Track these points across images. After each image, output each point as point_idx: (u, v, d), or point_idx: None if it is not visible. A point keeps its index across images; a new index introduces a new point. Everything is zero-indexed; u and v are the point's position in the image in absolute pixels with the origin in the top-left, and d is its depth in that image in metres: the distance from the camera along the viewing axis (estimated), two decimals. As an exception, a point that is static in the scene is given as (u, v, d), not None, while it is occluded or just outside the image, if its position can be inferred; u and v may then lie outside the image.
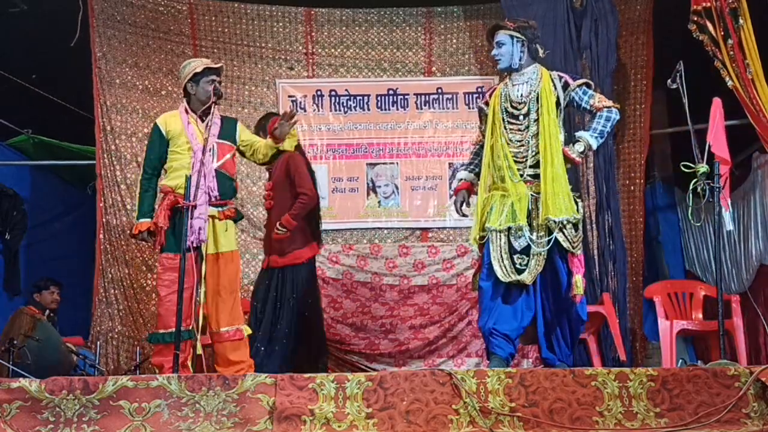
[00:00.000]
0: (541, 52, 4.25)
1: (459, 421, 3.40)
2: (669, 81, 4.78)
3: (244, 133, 4.81)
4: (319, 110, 6.75)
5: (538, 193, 4.06)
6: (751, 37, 4.96)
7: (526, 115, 4.14)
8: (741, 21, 4.95)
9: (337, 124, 6.74)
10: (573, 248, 4.01)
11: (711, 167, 4.44)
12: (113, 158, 6.38)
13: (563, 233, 3.99)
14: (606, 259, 5.92)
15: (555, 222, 3.97)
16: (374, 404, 3.43)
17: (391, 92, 6.81)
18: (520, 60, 4.18)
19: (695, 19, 5.10)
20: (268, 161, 4.82)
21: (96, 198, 6.42)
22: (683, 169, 4.59)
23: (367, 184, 6.72)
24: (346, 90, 6.79)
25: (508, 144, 4.14)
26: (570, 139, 4.18)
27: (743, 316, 5.36)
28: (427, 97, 6.80)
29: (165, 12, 6.62)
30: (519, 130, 4.16)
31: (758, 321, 5.94)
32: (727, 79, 5.01)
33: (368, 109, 6.80)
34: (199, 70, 4.63)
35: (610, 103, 4.17)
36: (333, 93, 6.76)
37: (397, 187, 6.70)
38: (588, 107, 4.15)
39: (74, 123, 7.09)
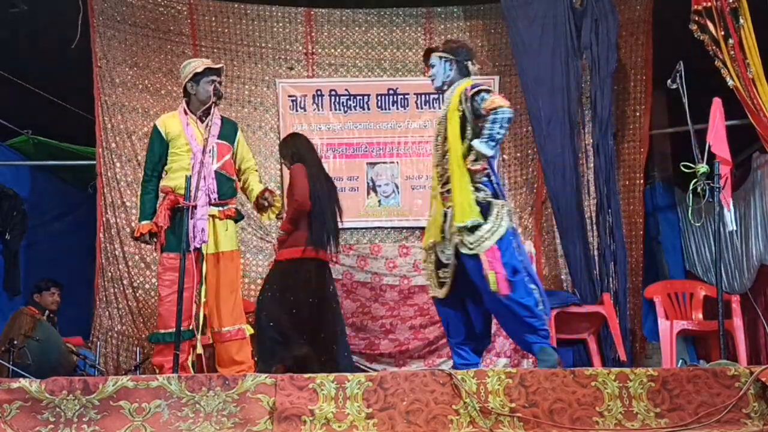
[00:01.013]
0: (472, 69, 4.41)
1: (459, 421, 3.40)
2: (669, 81, 4.79)
3: (242, 148, 4.83)
4: (319, 110, 6.75)
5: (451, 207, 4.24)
6: (752, 37, 4.96)
7: (439, 135, 4.36)
8: (741, 21, 4.95)
9: (337, 123, 6.74)
10: (470, 249, 4.11)
11: (711, 167, 4.45)
12: (113, 157, 6.38)
13: (461, 240, 4.13)
14: (606, 260, 5.91)
15: (456, 229, 4.15)
16: (374, 404, 3.43)
17: (391, 92, 6.80)
18: (448, 78, 4.39)
19: (696, 18, 5.10)
20: None
21: (94, 194, 6.42)
22: (683, 169, 4.59)
23: (367, 183, 6.72)
24: (346, 90, 6.79)
25: (435, 167, 4.40)
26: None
27: (744, 316, 5.36)
28: (427, 96, 6.79)
29: (165, 12, 6.62)
30: (437, 151, 4.38)
31: (759, 321, 5.94)
32: (728, 78, 5.01)
33: (368, 109, 6.80)
34: (199, 70, 4.63)
35: (498, 103, 4.15)
36: (333, 93, 6.76)
37: (397, 187, 6.69)
38: (483, 113, 4.20)
39: (74, 124, 7.10)
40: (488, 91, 4.23)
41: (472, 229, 4.11)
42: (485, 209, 4.15)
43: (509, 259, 4.09)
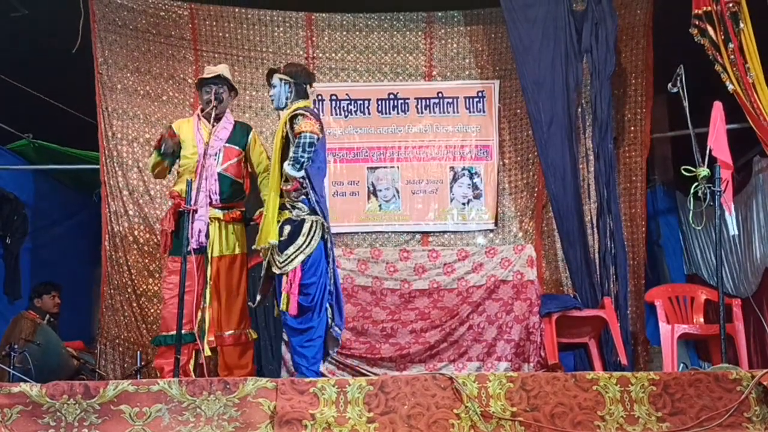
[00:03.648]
0: (310, 92, 4.70)
1: (460, 425, 3.40)
2: (670, 85, 4.80)
3: (253, 149, 4.87)
4: (319, 114, 6.74)
5: None
6: (752, 41, 4.96)
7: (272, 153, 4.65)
8: (741, 25, 4.95)
9: (338, 128, 6.73)
10: (279, 269, 4.38)
11: (712, 171, 4.45)
12: (115, 164, 6.37)
13: (272, 257, 4.42)
14: (607, 263, 5.90)
15: (261, 249, 4.47)
16: (375, 408, 3.43)
17: (391, 96, 6.81)
18: (287, 99, 4.65)
19: (696, 22, 5.11)
20: None
21: (99, 203, 6.41)
22: (684, 172, 4.60)
23: (368, 188, 6.72)
24: (347, 94, 6.79)
25: None
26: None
27: (747, 319, 5.35)
28: (427, 101, 6.80)
29: (166, 17, 6.61)
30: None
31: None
32: (728, 83, 5.01)
33: (369, 114, 6.79)
34: (197, 80, 4.79)
35: (303, 128, 4.40)
36: (333, 97, 6.76)
37: (397, 191, 6.69)
38: (295, 136, 4.47)
39: (75, 128, 7.09)
40: (304, 116, 4.47)
41: (282, 247, 4.37)
42: (298, 226, 4.40)
43: (309, 280, 4.36)
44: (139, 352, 5.99)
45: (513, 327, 5.54)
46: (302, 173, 4.41)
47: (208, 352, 4.49)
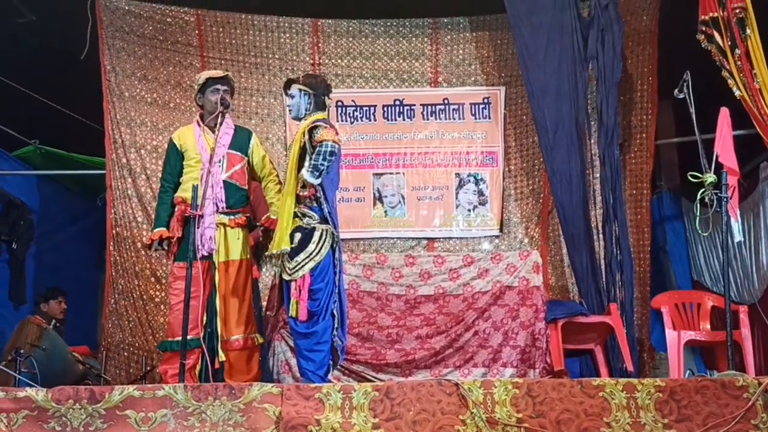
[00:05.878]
0: (328, 103, 4.75)
1: (466, 431, 3.39)
2: (676, 91, 4.80)
3: (256, 154, 4.86)
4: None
5: None
6: (759, 47, 4.97)
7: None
8: (748, 30, 4.96)
9: (344, 134, 6.73)
10: (289, 276, 4.46)
11: (718, 177, 4.44)
12: (123, 171, 6.39)
13: (282, 264, 4.50)
14: (613, 269, 5.88)
15: (273, 255, 4.52)
16: (381, 414, 3.43)
17: (397, 103, 6.82)
18: (306, 110, 4.67)
19: (703, 29, 5.11)
20: None
21: (104, 208, 6.42)
22: (690, 179, 4.59)
23: (374, 194, 6.72)
24: (353, 100, 6.80)
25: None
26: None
27: (754, 326, 5.33)
28: (433, 107, 6.80)
29: (173, 23, 6.64)
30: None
31: (769, 332, 5.91)
32: (735, 89, 5.00)
33: (374, 120, 6.81)
34: (201, 81, 4.76)
35: (324, 137, 4.42)
36: (339, 103, 6.77)
37: (403, 197, 6.69)
38: (314, 145, 4.49)
39: (81, 133, 7.12)
40: (324, 127, 4.51)
41: (293, 254, 4.42)
42: (308, 234, 4.45)
43: (317, 285, 4.42)
44: (144, 357, 6.00)
45: (519, 333, 5.53)
46: (320, 180, 4.45)
47: (222, 358, 4.52)
